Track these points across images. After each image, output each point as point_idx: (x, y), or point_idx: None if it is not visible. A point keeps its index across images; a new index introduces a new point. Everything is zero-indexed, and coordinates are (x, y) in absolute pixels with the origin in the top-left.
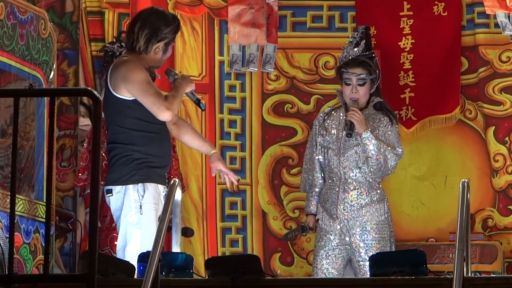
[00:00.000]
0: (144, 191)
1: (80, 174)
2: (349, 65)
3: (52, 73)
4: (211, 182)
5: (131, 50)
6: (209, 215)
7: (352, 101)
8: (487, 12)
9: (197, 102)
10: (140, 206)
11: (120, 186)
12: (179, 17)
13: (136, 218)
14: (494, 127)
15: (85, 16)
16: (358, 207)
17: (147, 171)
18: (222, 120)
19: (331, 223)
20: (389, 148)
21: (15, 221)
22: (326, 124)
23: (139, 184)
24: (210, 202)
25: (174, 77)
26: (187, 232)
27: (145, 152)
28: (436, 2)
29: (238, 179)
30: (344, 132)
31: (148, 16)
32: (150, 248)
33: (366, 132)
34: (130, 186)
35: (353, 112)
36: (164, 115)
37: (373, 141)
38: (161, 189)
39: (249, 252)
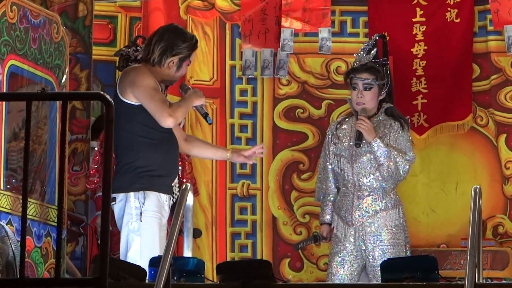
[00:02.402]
0: (144, 199)
1: (91, 177)
2: (357, 70)
3: (65, 77)
4: (221, 187)
5: (146, 62)
6: (218, 220)
7: (361, 109)
8: (494, 28)
9: (205, 116)
10: (140, 213)
11: (123, 194)
12: (190, 21)
13: (137, 225)
14: (505, 135)
15: None
16: (373, 213)
17: (148, 180)
18: (232, 125)
19: (346, 230)
20: (400, 154)
21: (27, 224)
22: (338, 132)
23: (140, 192)
24: (220, 207)
25: (187, 91)
26: (194, 233)
27: (149, 160)
28: (449, 9)
29: (262, 146)
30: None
31: (166, 31)
32: (150, 255)
33: (375, 140)
34: (131, 194)
35: (361, 121)
36: (166, 122)
37: (382, 148)
38: (164, 198)
39: (258, 257)
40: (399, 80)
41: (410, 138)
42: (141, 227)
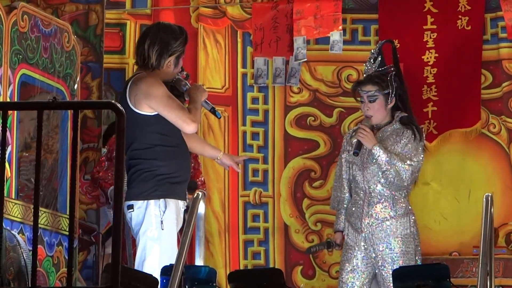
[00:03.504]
0: (165, 207)
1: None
2: (361, 83)
3: (76, 86)
4: (233, 195)
5: (143, 66)
6: (231, 228)
7: (366, 119)
8: (508, 38)
9: (213, 111)
10: (161, 221)
11: (142, 201)
12: (201, 29)
13: (157, 233)
14: None
15: None
16: (383, 220)
17: (169, 187)
18: (244, 133)
19: (356, 237)
20: (402, 160)
21: (38, 233)
22: (352, 140)
23: (161, 199)
24: (233, 215)
25: (185, 86)
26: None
27: (167, 167)
28: (460, 16)
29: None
30: (366, 148)
31: (157, 32)
32: (168, 263)
33: (374, 147)
34: (152, 201)
35: (361, 130)
36: (190, 128)
37: (382, 154)
38: (181, 205)
39: (271, 264)
40: (410, 88)
41: (421, 147)
42: (162, 236)
